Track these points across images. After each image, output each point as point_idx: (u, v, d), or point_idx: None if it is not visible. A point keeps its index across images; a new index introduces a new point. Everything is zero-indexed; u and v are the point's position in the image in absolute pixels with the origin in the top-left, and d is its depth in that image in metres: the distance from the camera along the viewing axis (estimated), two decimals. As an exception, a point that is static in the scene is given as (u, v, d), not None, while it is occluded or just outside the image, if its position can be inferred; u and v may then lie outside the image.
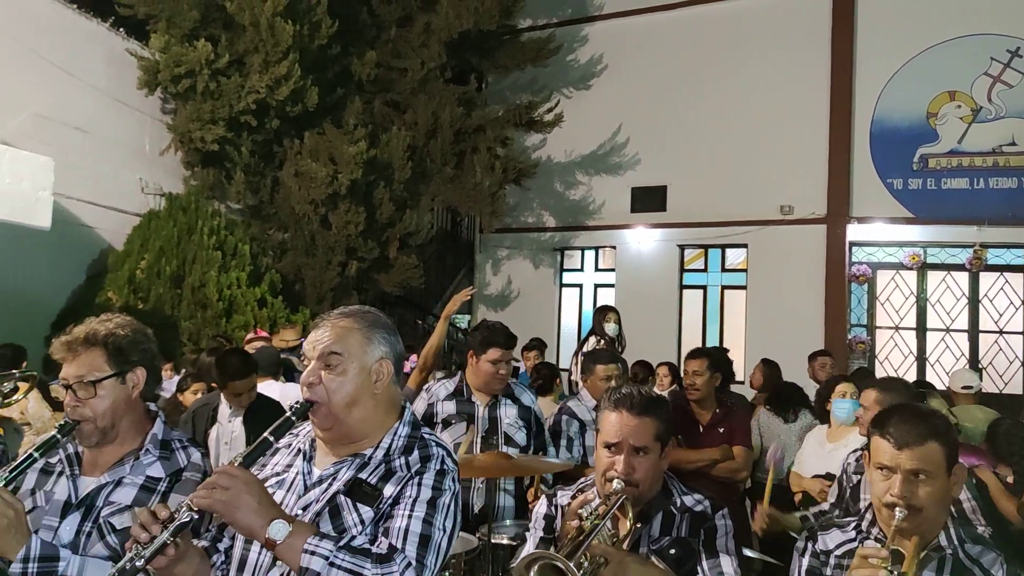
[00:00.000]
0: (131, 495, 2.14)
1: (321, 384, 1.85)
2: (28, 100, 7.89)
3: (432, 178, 11.22)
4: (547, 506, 2.41)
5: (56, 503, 2.14)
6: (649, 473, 2.21)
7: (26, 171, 6.39)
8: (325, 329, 1.91)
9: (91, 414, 2.15)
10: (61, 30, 8.73)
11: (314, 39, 9.53)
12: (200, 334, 7.97)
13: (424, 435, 1.96)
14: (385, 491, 1.82)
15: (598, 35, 13.82)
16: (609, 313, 7.07)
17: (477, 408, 3.98)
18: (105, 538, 2.09)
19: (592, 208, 13.75)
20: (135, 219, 9.00)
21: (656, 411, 2.25)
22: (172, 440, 2.29)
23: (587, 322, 13.68)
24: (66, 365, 2.18)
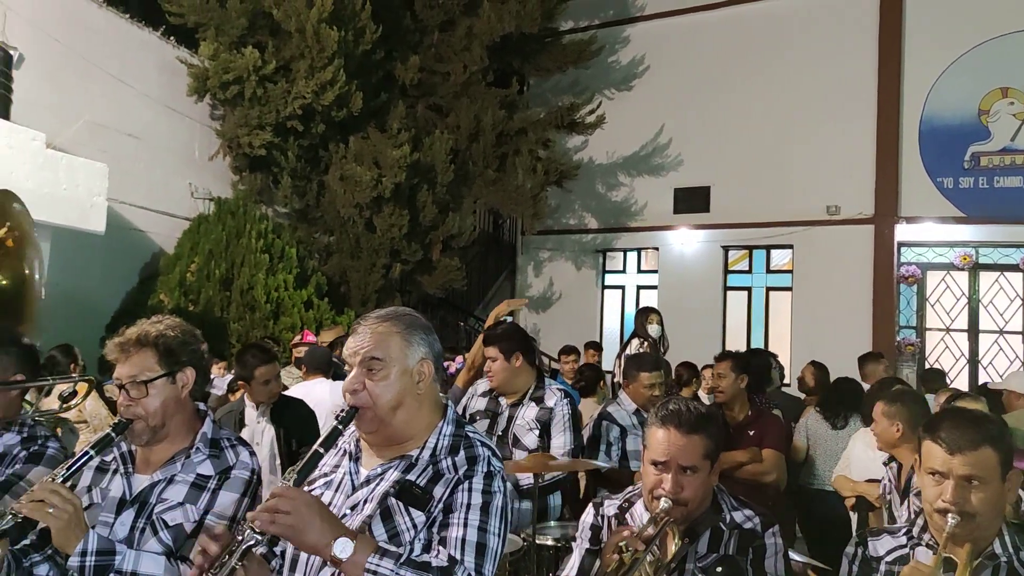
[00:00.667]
0: (182, 492, 2.19)
1: (365, 390, 1.86)
2: (84, 108, 8.11)
3: (474, 181, 11.27)
4: (593, 516, 2.36)
5: (111, 500, 2.20)
6: (699, 491, 2.16)
7: (82, 177, 6.57)
8: (364, 335, 1.92)
9: (143, 413, 2.20)
10: (115, 40, 8.97)
11: (358, 45, 9.65)
12: (248, 335, 8.11)
13: (469, 433, 1.97)
14: (435, 493, 1.83)
15: (640, 36, 13.74)
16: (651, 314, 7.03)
17: (502, 408, 4.00)
18: (158, 533, 2.15)
19: (634, 209, 13.68)
20: (185, 223, 9.20)
21: (706, 428, 2.18)
22: (221, 439, 2.34)
23: (629, 324, 13.62)
24: (119, 365, 2.24)
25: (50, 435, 2.60)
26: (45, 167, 6.13)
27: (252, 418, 4.26)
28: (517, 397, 3.97)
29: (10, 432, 2.50)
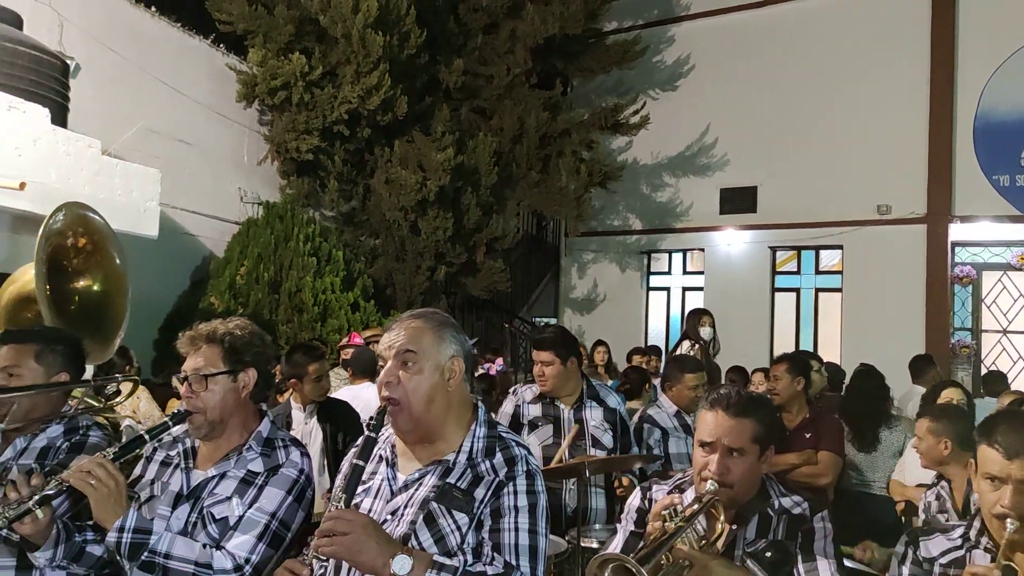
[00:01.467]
0: (231, 487, 2.24)
1: (400, 384, 1.90)
2: (137, 115, 8.31)
3: (518, 183, 11.29)
4: (640, 499, 2.36)
5: (170, 494, 2.27)
6: (745, 475, 2.15)
7: (135, 183, 6.72)
8: (398, 330, 1.97)
9: (202, 406, 2.26)
10: (167, 48, 9.18)
11: (403, 49, 9.73)
12: (297, 337, 8.21)
13: (502, 434, 2.00)
14: (476, 495, 1.85)
15: (685, 35, 13.63)
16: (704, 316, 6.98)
17: (562, 411, 3.99)
18: (207, 527, 2.19)
19: (680, 210, 13.57)
20: (235, 227, 9.36)
21: (755, 412, 2.17)
22: (276, 439, 2.38)
23: (675, 325, 13.52)
24: (188, 359, 2.31)
25: (91, 424, 2.64)
26: (101, 173, 6.29)
27: (299, 420, 4.32)
28: (574, 399, 3.98)
29: (54, 425, 2.56)
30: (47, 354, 2.57)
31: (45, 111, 5.88)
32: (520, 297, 14.13)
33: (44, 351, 2.57)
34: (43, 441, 2.51)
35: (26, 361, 2.53)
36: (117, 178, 6.47)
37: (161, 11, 9.13)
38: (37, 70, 6.08)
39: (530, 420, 4.03)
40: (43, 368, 2.55)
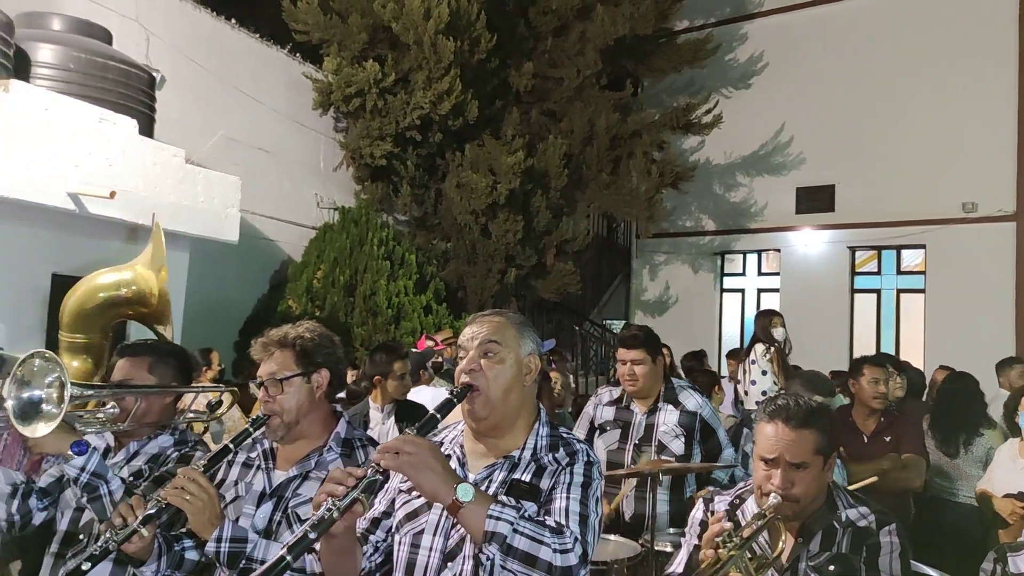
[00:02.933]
0: (314, 488, 2.25)
1: (482, 371, 1.95)
2: (218, 124, 8.60)
3: (588, 185, 11.25)
4: (703, 511, 2.34)
5: (254, 493, 2.35)
6: (810, 487, 2.09)
7: (217, 190, 6.95)
8: (481, 324, 2.02)
9: (279, 409, 2.34)
10: (247, 59, 9.48)
11: (474, 54, 9.82)
12: (372, 340, 8.37)
13: (563, 434, 2.04)
14: (542, 485, 1.90)
15: (758, 32, 13.39)
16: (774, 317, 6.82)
17: (635, 415, 3.95)
18: (292, 527, 2.26)
19: (754, 210, 13.33)
20: (312, 232, 9.60)
21: (816, 423, 2.11)
22: (354, 439, 2.45)
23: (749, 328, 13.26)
24: (263, 364, 2.40)
25: (199, 441, 2.79)
26: (185, 181, 6.53)
27: (377, 420, 4.39)
28: (650, 402, 3.93)
29: (165, 434, 2.70)
30: (159, 366, 2.72)
31: (133, 122, 6.14)
32: (590, 299, 14.09)
33: (157, 363, 2.72)
34: (155, 448, 2.66)
35: (141, 373, 2.68)
36: (200, 186, 6.71)
37: (241, 23, 9.44)
38: (126, 83, 6.36)
39: (600, 423, 4.00)
40: (156, 379, 2.70)
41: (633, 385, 3.87)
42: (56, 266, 5.88)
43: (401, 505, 2.04)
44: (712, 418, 3.98)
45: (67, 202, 5.44)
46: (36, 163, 5.19)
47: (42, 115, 5.31)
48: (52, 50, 6.02)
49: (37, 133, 5.24)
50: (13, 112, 5.12)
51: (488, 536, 1.69)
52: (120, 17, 7.70)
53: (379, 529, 2.05)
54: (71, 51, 6.10)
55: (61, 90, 5.79)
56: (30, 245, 5.64)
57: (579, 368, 11.92)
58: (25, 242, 5.59)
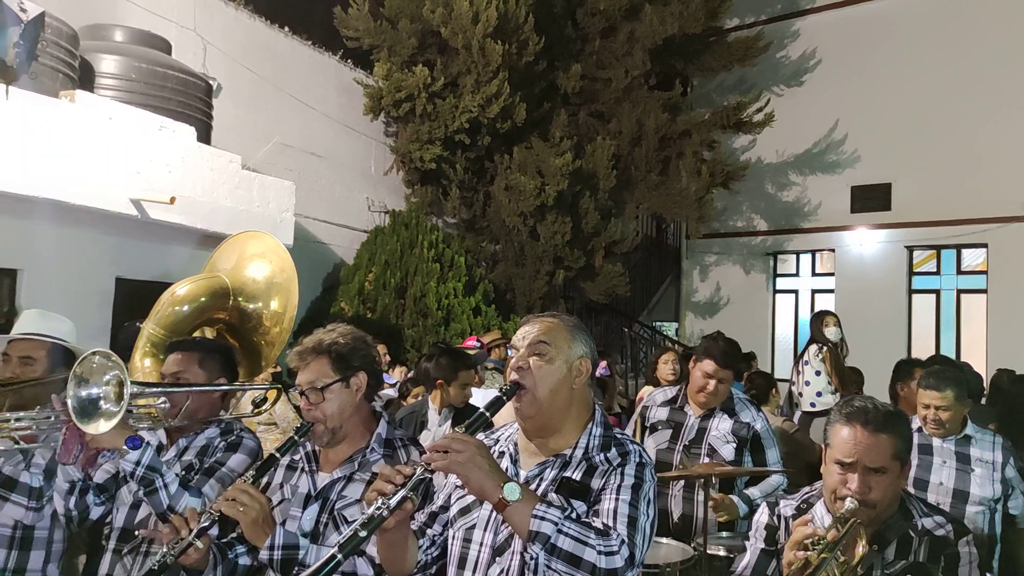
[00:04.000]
0: (359, 490, 2.33)
1: (530, 370, 1.97)
2: (273, 130, 8.78)
3: (637, 185, 11.20)
4: (768, 515, 2.30)
5: (299, 496, 2.38)
6: (887, 493, 2.04)
7: (272, 195, 7.12)
8: (534, 324, 2.05)
9: (322, 416, 2.35)
10: (300, 66, 9.67)
11: (522, 57, 9.85)
12: (422, 341, 8.46)
13: (617, 434, 2.05)
14: (592, 484, 1.92)
15: (811, 29, 13.17)
16: (827, 317, 6.71)
17: (688, 418, 3.92)
18: (339, 529, 2.29)
19: (807, 209, 13.11)
20: (363, 235, 9.74)
21: (894, 427, 2.05)
22: (395, 439, 2.48)
23: (803, 329, 13.04)
24: (300, 373, 2.41)
25: (245, 427, 2.86)
26: (241, 186, 6.69)
27: (434, 421, 4.41)
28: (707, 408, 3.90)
29: (211, 428, 2.79)
30: (208, 361, 2.82)
31: (191, 130, 6.32)
32: (640, 301, 14.01)
33: (206, 358, 2.82)
34: (202, 440, 2.74)
35: (192, 367, 2.78)
36: (255, 190, 6.87)
37: (294, 30, 9.63)
38: (184, 91, 6.54)
39: (652, 423, 3.99)
40: (205, 373, 2.79)
41: (709, 398, 3.84)
42: (120, 270, 6.08)
43: (456, 500, 2.07)
44: (767, 434, 3.89)
45: (129, 208, 5.62)
46: (100, 170, 5.38)
47: (105, 124, 5.50)
48: (115, 61, 6.24)
49: (101, 141, 5.42)
50: (78, 121, 5.31)
51: (532, 535, 1.72)
52: (178, 27, 7.91)
53: (436, 523, 2.10)
54: (133, 61, 6.30)
55: (123, 99, 5.99)
56: (95, 250, 5.84)
57: (628, 371, 11.87)
58: (90, 247, 5.80)
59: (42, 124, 5.04)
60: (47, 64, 5.39)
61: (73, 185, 5.22)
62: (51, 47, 5.43)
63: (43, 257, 5.47)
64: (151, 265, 6.22)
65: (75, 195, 5.25)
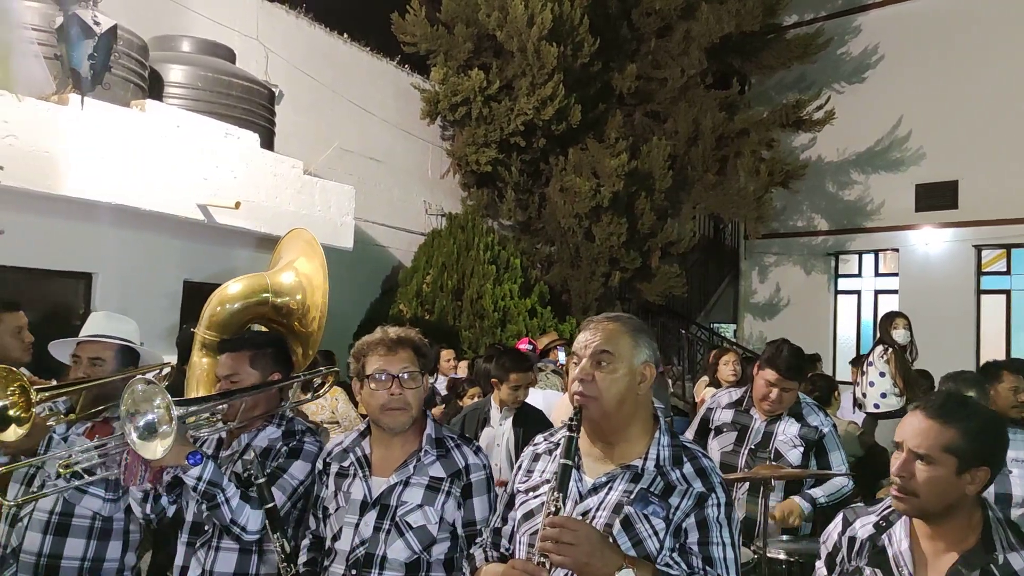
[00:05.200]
0: (419, 495, 2.35)
1: (594, 381, 1.92)
2: (333, 136, 8.95)
3: (694, 186, 11.10)
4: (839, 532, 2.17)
5: (354, 502, 2.38)
6: (934, 488, 1.85)
7: (333, 199, 7.26)
8: (595, 331, 1.98)
9: (407, 403, 2.39)
10: (358, 72, 9.84)
11: (577, 58, 9.86)
12: (479, 343, 8.52)
13: (686, 444, 2.01)
14: (671, 502, 1.87)
15: (873, 25, 12.89)
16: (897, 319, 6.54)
17: (754, 421, 3.88)
18: (404, 535, 2.31)
19: (870, 208, 12.82)
20: (421, 238, 9.86)
21: (955, 418, 1.87)
22: (445, 438, 2.48)
23: (867, 331, 12.76)
24: (383, 361, 2.41)
25: (306, 430, 2.86)
26: (303, 191, 6.84)
27: (496, 419, 4.46)
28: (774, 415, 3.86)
29: (272, 426, 2.78)
30: (260, 358, 2.83)
31: (255, 136, 6.48)
32: (697, 302, 13.87)
33: (257, 356, 2.83)
34: (264, 442, 2.74)
35: (243, 367, 2.79)
36: (316, 195, 7.01)
37: (352, 37, 9.80)
38: (248, 99, 6.72)
39: (717, 425, 3.95)
40: (258, 371, 2.80)
41: (772, 406, 3.80)
42: (187, 273, 6.28)
43: (520, 505, 2.05)
44: (832, 439, 3.82)
45: (196, 213, 5.80)
46: (168, 177, 5.56)
47: (174, 132, 5.68)
48: (182, 70, 6.44)
49: (169, 149, 5.61)
50: (148, 130, 5.50)
51: None
52: (242, 36, 8.12)
53: (503, 538, 2.09)
54: (199, 71, 6.50)
55: (190, 107, 6.17)
56: (163, 253, 6.05)
57: (685, 372, 11.76)
58: (159, 250, 6.00)
59: (114, 133, 5.23)
60: (119, 75, 5.58)
61: (143, 191, 5.41)
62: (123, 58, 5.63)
63: (116, 261, 5.68)
64: (217, 268, 6.40)
65: (145, 201, 5.43)
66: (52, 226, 5.19)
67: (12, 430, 2.69)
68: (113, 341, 3.04)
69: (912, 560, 1.91)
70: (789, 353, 3.73)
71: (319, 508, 2.49)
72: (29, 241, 5.04)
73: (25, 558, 2.78)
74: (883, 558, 1.96)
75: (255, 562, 2.60)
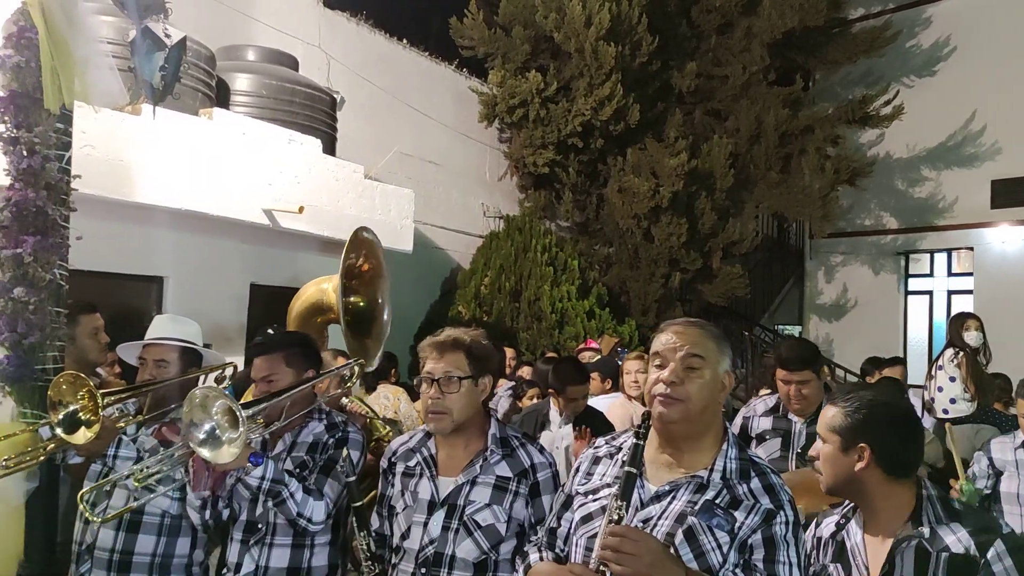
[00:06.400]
0: (487, 494, 2.37)
1: (683, 385, 1.88)
2: (393, 140, 9.06)
3: (756, 184, 10.91)
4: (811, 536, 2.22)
5: (422, 502, 2.41)
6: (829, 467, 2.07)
7: (393, 203, 7.35)
8: (683, 334, 1.93)
9: (447, 407, 2.41)
10: (418, 76, 9.95)
11: (635, 58, 9.80)
12: (536, 344, 8.54)
13: (753, 458, 1.97)
14: (736, 516, 1.83)
15: (944, 16, 12.48)
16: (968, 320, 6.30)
17: (794, 424, 3.80)
18: (472, 535, 2.34)
19: (942, 206, 12.42)
20: (479, 240, 9.93)
21: None
22: (509, 438, 2.50)
23: (939, 333, 12.36)
24: (432, 363, 2.46)
25: (346, 420, 2.97)
26: (364, 195, 6.95)
27: (556, 422, 4.46)
28: (811, 412, 3.78)
29: (313, 421, 2.87)
30: (293, 357, 2.91)
31: (317, 142, 6.61)
32: (760, 304, 13.62)
33: (290, 355, 2.91)
34: (309, 437, 2.83)
35: (280, 367, 2.87)
36: (377, 199, 7.12)
37: (411, 42, 9.92)
38: (311, 106, 6.86)
39: (758, 433, 3.87)
40: (293, 370, 2.88)
41: (800, 405, 3.72)
42: (254, 276, 6.43)
43: (579, 507, 2.02)
44: None
45: (262, 217, 5.94)
46: (235, 182, 5.71)
47: (240, 139, 5.83)
48: (247, 79, 6.60)
49: (235, 155, 5.76)
50: (215, 137, 5.65)
51: None
52: (304, 44, 8.30)
53: (557, 539, 2.07)
54: (263, 79, 6.66)
55: (255, 115, 6.33)
56: (231, 257, 6.21)
57: (748, 376, 11.56)
58: (226, 255, 6.16)
59: (184, 141, 5.39)
60: (188, 85, 5.76)
61: (211, 197, 5.56)
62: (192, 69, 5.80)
63: (185, 265, 5.85)
64: (282, 271, 6.55)
65: (213, 206, 5.58)
66: (126, 232, 5.36)
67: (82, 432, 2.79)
68: (176, 343, 3.12)
69: (864, 550, 2.02)
70: (787, 346, 3.74)
71: (384, 506, 2.53)
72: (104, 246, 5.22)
73: (99, 554, 2.88)
74: (844, 554, 2.06)
75: (307, 557, 2.69)
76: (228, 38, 7.14)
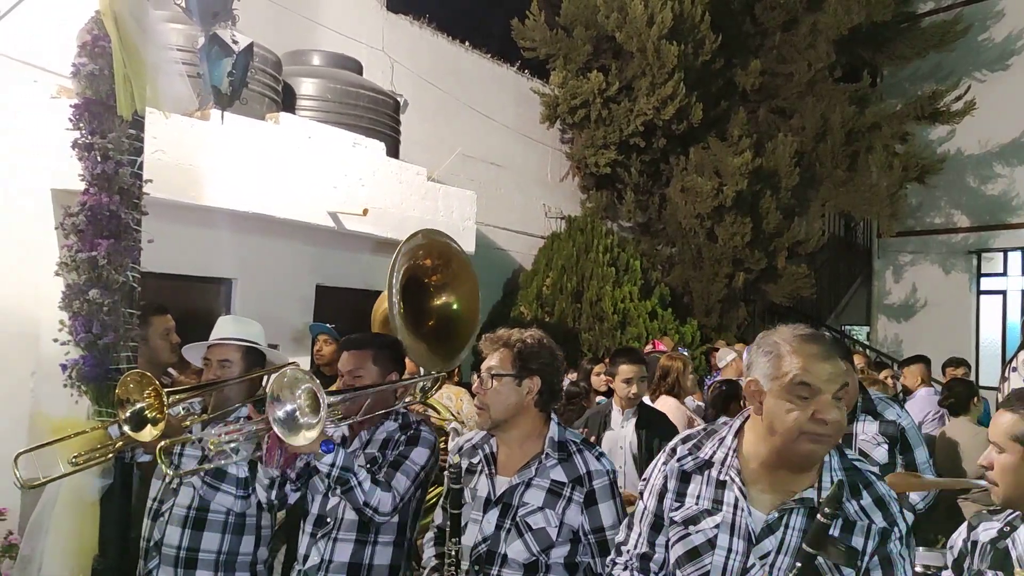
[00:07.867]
0: (540, 497, 2.38)
1: (839, 420, 1.79)
2: (456, 142, 9.12)
3: (822, 183, 10.69)
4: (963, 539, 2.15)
5: (479, 499, 2.45)
6: (1007, 476, 1.95)
7: (455, 204, 7.40)
8: (838, 361, 1.82)
9: (487, 403, 2.45)
10: (480, 79, 10.00)
11: (698, 56, 9.68)
12: (598, 345, 8.51)
13: (857, 464, 1.88)
14: (855, 543, 1.75)
15: (1017, 8, 12.07)
16: (1042, 320, 6.10)
17: None
18: (523, 536, 2.35)
19: (1016, 203, 12.02)
20: (540, 241, 9.93)
21: None
22: (568, 442, 2.49)
23: (1013, 334, 11.92)
24: (483, 359, 2.54)
25: (420, 420, 3.02)
26: (427, 197, 7.01)
27: (617, 421, 4.45)
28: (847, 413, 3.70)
29: (389, 420, 2.93)
30: (381, 357, 2.97)
31: (381, 145, 6.69)
32: (827, 303, 13.35)
33: (378, 355, 2.97)
34: (383, 434, 2.90)
35: (366, 364, 2.93)
36: (440, 201, 7.17)
37: (474, 45, 9.97)
38: (375, 109, 6.94)
39: None
40: (378, 369, 2.95)
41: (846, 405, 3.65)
42: (319, 278, 6.54)
43: (678, 539, 1.91)
44: (913, 432, 3.69)
45: (327, 220, 6.03)
46: (301, 186, 5.82)
47: (305, 143, 5.94)
48: (313, 83, 6.72)
49: (301, 159, 5.86)
50: (282, 141, 5.77)
51: None
52: (368, 48, 8.41)
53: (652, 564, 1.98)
54: (328, 83, 6.77)
55: (320, 119, 6.43)
56: (297, 259, 6.32)
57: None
58: (293, 256, 6.28)
59: (251, 145, 5.51)
60: (255, 90, 5.87)
61: (278, 200, 5.67)
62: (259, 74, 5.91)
63: (253, 267, 5.98)
64: (346, 273, 6.65)
65: (279, 209, 5.69)
66: (195, 235, 5.49)
67: (148, 430, 2.88)
68: (239, 343, 3.18)
69: None
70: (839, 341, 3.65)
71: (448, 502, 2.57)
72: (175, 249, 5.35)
73: (167, 551, 2.97)
74: (1007, 561, 1.99)
75: (369, 553, 2.74)
76: (294, 43, 7.28)
